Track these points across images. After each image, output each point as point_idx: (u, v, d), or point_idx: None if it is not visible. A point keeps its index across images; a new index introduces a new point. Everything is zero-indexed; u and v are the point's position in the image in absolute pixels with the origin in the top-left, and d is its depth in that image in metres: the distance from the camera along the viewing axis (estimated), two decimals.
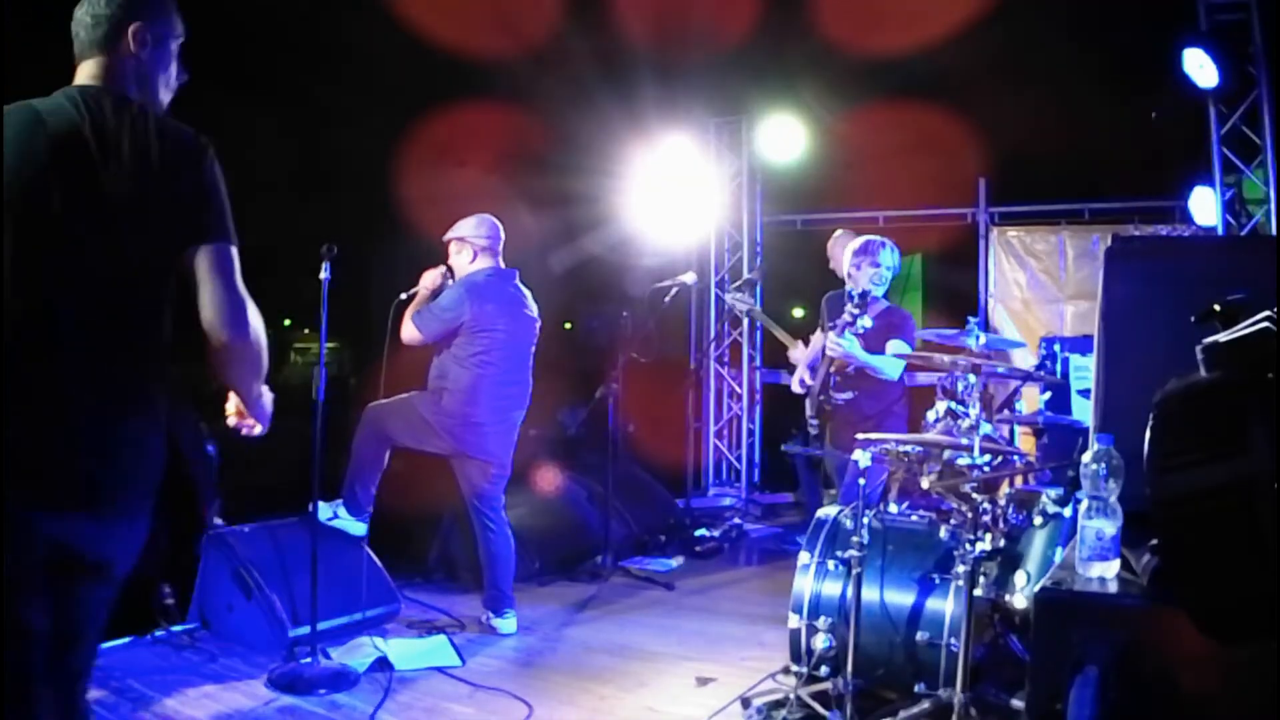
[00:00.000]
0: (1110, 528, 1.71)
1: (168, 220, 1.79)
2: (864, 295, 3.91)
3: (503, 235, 4.22)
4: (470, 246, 4.14)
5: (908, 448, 3.23)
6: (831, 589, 3.16)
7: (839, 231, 5.86)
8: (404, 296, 4.14)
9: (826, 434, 4.53)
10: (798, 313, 10.04)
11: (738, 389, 8.09)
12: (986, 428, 3.22)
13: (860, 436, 3.28)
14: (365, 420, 4.15)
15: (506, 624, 4.09)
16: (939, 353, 3.63)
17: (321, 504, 3.89)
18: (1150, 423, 1.51)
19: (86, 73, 1.87)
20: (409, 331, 4.05)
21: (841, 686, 2.92)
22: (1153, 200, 6.79)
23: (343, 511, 4.10)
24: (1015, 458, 3.61)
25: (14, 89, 1.85)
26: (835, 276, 5.91)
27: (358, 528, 4.12)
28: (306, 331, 28.18)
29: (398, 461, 4.22)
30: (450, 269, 4.19)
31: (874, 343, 4.30)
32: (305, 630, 3.59)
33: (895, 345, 4.25)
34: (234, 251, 1.85)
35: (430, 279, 4.16)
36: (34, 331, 1.69)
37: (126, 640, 3.73)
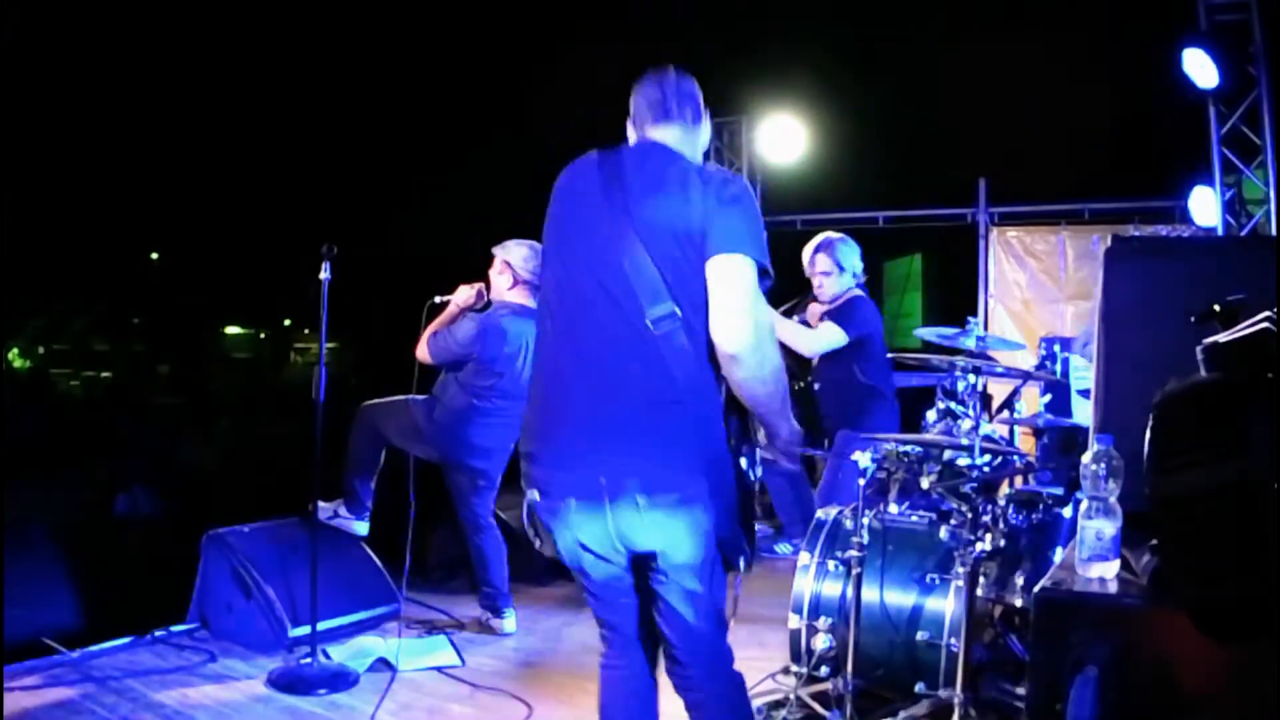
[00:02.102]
0: (1110, 528, 1.71)
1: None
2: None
3: None
4: (512, 274, 4.09)
5: (908, 448, 3.23)
6: (831, 589, 3.16)
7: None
8: (438, 300, 4.07)
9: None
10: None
11: None
12: (986, 428, 3.22)
13: (864, 436, 3.28)
14: (360, 418, 4.15)
15: (506, 624, 4.09)
16: (939, 353, 3.63)
17: (322, 503, 3.89)
18: (1150, 423, 1.51)
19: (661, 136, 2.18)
20: (421, 350, 4.02)
21: (841, 687, 2.92)
22: (1153, 200, 6.79)
23: (343, 510, 4.10)
24: (1015, 458, 3.61)
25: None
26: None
27: (359, 527, 4.12)
28: (306, 331, 28.26)
29: (398, 461, 4.22)
30: (488, 284, 4.14)
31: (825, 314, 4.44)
32: (305, 630, 3.58)
33: (826, 326, 4.33)
34: None
35: (464, 296, 4.06)
36: None
37: (126, 640, 3.73)
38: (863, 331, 4.31)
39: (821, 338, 4.32)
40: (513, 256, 4.08)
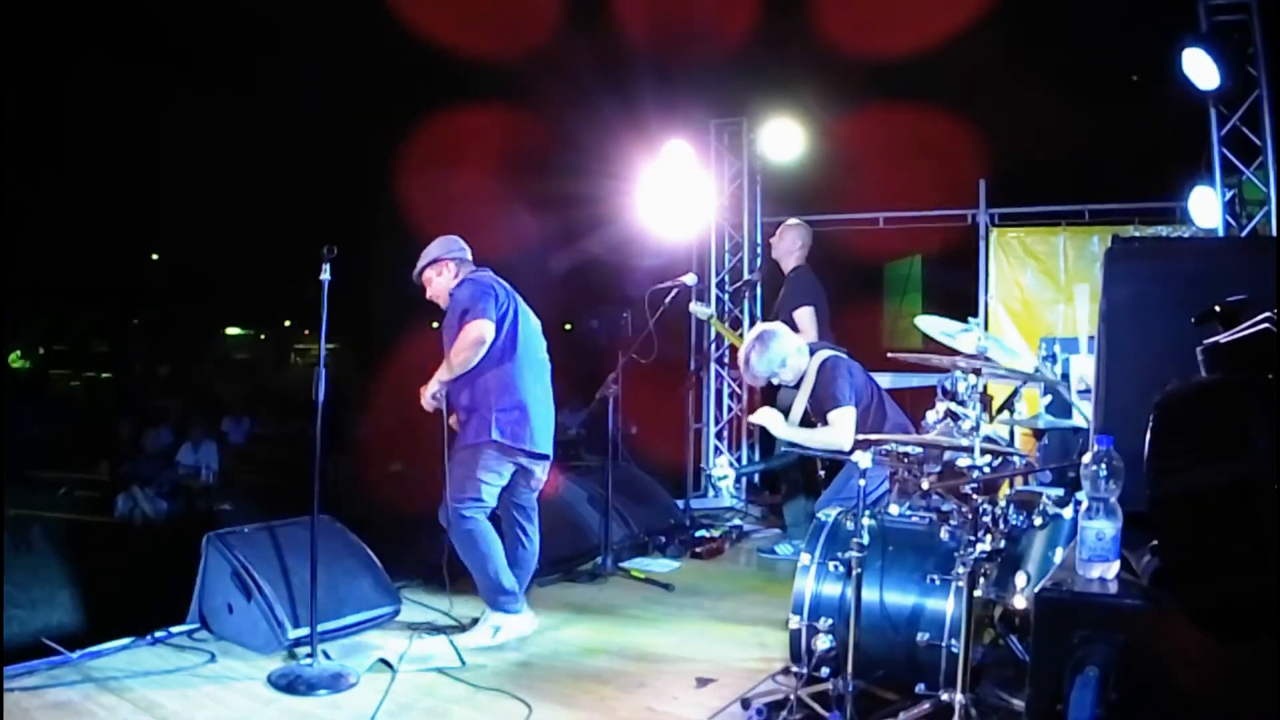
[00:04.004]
0: (1110, 529, 1.71)
1: None
2: None
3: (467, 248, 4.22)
4: (453, 266, 4.10)
5: (908, 448, 3.23)
6: (832, 590, 3.16)
7: (792, 221, 6.20)
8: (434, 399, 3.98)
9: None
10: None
11: (738, 389, 8.08)
12: (987, 428, 3.22)
13: (860, 437, 3.28)
14: (452, 517, 3.93)
15: None
16: (939, 353, 3.63)
17: (472, 632, 3.91)
18: (1150, 423, 1.51)
19: None
20: (472, 335, 3.86)
21: (842, 687, 2.92)
22: (1153, 201, 6.79)
23: (501, 618, 3.96)
24: (1015, 458, 3.61)
25: None
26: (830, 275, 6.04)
27: (521, 624, 4.02)
28: (307, 333, 28.25)
29: (398, 462, 4.21)
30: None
31: (819, 410, 4.39)
32: (305, 631, 3.58)
33: (835, 415, 4.27)
34: None
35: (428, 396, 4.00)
36: None
37: (126, 641, 3.73)
38: (859, 394, 4.34)
39: (841, 430, 4.25)
40: (435, 252, 4.10)
